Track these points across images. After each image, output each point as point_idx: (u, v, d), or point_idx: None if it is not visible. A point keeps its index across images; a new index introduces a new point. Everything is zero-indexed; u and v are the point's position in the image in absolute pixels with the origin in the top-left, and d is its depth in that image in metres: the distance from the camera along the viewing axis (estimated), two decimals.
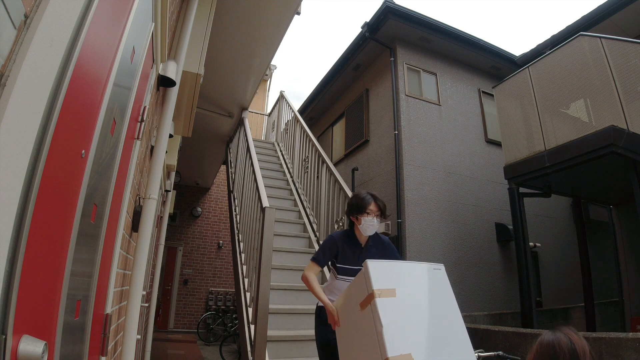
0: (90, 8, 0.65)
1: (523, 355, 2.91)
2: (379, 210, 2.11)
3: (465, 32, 6.20)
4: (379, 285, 1.54)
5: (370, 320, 1.51)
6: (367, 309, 1.55)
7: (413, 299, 1.61)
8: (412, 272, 1.74)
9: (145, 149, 1.89)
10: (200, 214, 9.72)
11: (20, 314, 0.49)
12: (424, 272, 1.75)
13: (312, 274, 2.07)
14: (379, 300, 1.51)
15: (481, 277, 5.54)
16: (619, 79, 3.79)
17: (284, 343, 2.94)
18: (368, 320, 1.52)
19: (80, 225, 0.78)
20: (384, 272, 1.61)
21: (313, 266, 2.12)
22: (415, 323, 1.54)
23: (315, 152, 4.62)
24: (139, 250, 1.77)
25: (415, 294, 1.64)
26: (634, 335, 2.38)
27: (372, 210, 2.11)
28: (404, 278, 1.65)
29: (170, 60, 2.05)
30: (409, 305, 1.57)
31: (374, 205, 2.12)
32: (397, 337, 1.45)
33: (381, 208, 2.12)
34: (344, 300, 1.79)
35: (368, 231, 2.12)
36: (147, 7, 1.29)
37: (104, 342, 1.22)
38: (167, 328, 8.73)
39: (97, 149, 0.84)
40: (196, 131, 4.82)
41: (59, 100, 0.57)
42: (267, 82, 11.88)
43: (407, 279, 1.67)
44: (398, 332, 1.46)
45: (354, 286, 1.71)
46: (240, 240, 4.23)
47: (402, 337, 1.46)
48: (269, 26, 3.77)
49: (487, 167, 6.22)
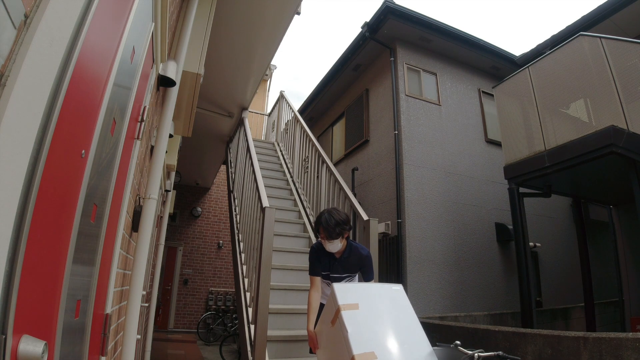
0: (90, 8, 0.65)
1: (523, 355, 2.91)
2: (327, 236, 2.21)
3: (465, 32, 6.20)
4: (343, 301, 1.82)
5: (339, 331, 1.76)
6: (336, 323, 1.80)
7: (374, 310, 1.87)
8: (373, 291, 2.03)
9: (145, 149, 1.89)
10: (200, 214, 9.72)
11: (20, 313, 0.49)
12: (383, 290, 2.05)
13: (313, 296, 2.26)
14: (344, 312, 1.78)
15: (481, 277, 5.54)
16: (619, 79, 3.79)
17: (283, 343, 2.94)
18: (338, 332, 1.77)
19: (80, 225, 0.78)
20: (348, 292, 1.89)
21: (312, 280, 2.32)
22: (376, 328, 1.80)
23: (315, 152, 4.62)
24: (139, 250, 1.77)
25: (376, 307, 1.90)
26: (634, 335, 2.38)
27: (322, 236, 2.25)
28: (365, 296, 1.92)
29: (170, 60, 2.05)
30: (370, 315, 1.83)
31: (322, 231, 2.24)
32: (360, 339, 1.69)
33: (330, 232, 2.20)
34: (319, 325, 2.05)
35: (328, 249, 2.27)
36: (147, 7, 1.29)
37: (103, 342, 1.22)
38: (167, 328, 8.73)
39: (97, 149, 0.84)
40: (196, 131, 4.82)
41: (59, 100, 0.57)
42: (267, 82, 11.89)
43: (368, 296, 1.93)
44: (361, 335, 1.71)
45: (326, 311, 1.96)
46: (240, 240, 4.23)
47: (365, 339, 1.70)
48: (269, 26, 3.76)
49: (487, 167, 6.22)
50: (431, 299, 5.01)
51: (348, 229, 2.27)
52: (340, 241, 2.24)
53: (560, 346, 2.71)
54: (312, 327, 2.12)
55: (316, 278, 2.30)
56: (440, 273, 5.22)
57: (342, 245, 2.29)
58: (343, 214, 2.30)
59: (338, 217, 2.22)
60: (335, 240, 2.21)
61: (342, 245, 2.28)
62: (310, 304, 2.23)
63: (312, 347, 2.08)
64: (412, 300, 2.06)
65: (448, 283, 5.23)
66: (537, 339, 2.89)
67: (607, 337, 2.46)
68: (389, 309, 1.91)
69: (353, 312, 1.79)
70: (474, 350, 1.73)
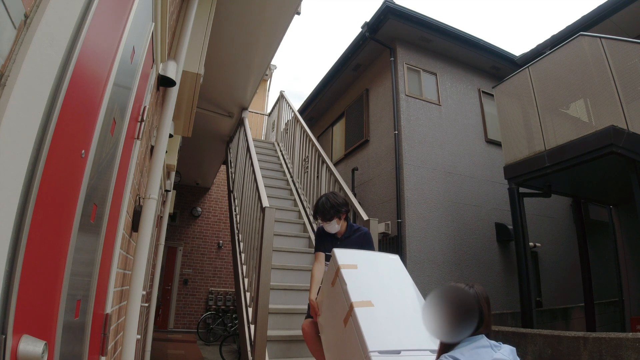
0: (90, 8, 0.65)
1: (523, 355, 2.91)
2: (322, 218, 2.38)
3: (465, 32, 6.20)
4: (342, 262, 1.96)
5: (339, 287, 1.89)
6: (336, 282, 1.93)
7: (371, 271, 2.02)
8: (371, 256, 2.20)
9: (145, 149, 1.89)
10: (200, 214, 9.72)
11: (20, 313, 0.49)
12: (380, 257, 2.23)
13: (317, 269, 2.39)
14: (343, 270, 1.91)
15: (481, 277, 5.54)
16: (619, 79, 3.79)
17: (283, 343, 2.94)
18: (338, 289, 1.91)
19: (80, 225, 0.78)
20: (347, 255, 2.04)
21: (317, 256, 2.47)
22: (373, 284, 1.93)
23: (315, 152, 4.62)
24: (139, 250, 1.77)
25: (373, 268, 2.05)
26: (633, 335, 2.38)
27: (319, 220, 2.44)
28: (363, 259, 2.07)
29: (170, 60, 2.05)
30: (368, 274, 1.97)
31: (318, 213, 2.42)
32: (358, 290, 1.82)
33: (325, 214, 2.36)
34: (321, 295, 2.15)
35: (328, 230, 2.43)
36: (147, 7, 1.29)
37: (103, 342, 1.22)
38: (167, 328, 8.73)
39: (97, 149, 0.84)
40: (196, 131, 4.82)
41: (59, 100, 0.57)
42: (267, 82, 11.88)
43: (366, 259, 2.09)
44: (359, 287, 1.84)
45: (327, 276, 2.09)
46: (240, 240, 4.22)
47: (363, 290, 1.83)
48: (269, 26, 3.76)
49: (487, 167, 6.22)
50: None
51: (344, 211, 2.42)
52: (338, 222, 2.39)
53: (560, 346, 2.71)
54: (314, 296, 2.24)
55: (320, 254, 2.45)
56: (440, 273, 5.22)
57: (342, 227, 2.45)
58: (340, 197, 2.46)
59: (334, 200, 2.39)
60: (332, 222, 2.36)
61: (340, 226, 2.43)
62: (313, 276, 2.35)
63: (313, 315, 2.20)
64: None
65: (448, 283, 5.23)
66: (537, 339, 2.89)
67: (607, 337, 2.46)
68: (385, 271, 2.07)
69: (352, 270, 1.93)
70: None
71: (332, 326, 1.96)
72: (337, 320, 1.87)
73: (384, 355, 1.57)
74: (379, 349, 1.58)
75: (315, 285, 2.31)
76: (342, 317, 1.79)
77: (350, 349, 1.69)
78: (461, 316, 1.21)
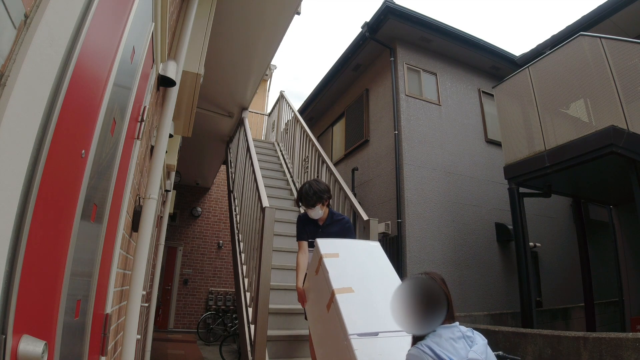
0: (90, 8, 0.65)
1: (523, 355, 2.91)
2: (305, 204, 2.52)
3: (465, 32, 6.20)
4: (325, 251, 2.09)
5: (322, 275, 2.02)
6: (319, 271, 2.06)
7: (352, 258, 2.14)
8: (352, 244, 2.32)
9: (145, 149, 1.89)
10: (200, 214, 9.72)
11: (20, 313, 0.49)
12: (361, 245, 2.37)
13: (301, 258, 2.50)
14: (326, 259, 2.04)
15: (481, 277, 5.54)
16: (619, 79, 3.79)
17: (283, 343, 2.94)
18: (321, 276, 2.03)
19: (80, 225, 0.78)
20: (329, 245, 2.17)
21: (300, 245, 2.58)
22: (353, 271, 2.04)
23: (315, 152, 4.62)
24: (139, 250, 1.77)
25: (354, 256, 2.16)
26: (634, 335, 2.38)
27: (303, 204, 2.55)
28: (345, 248, 2.19)
29: (170, 60, 2.05)
30: (348, 262, 2.10)
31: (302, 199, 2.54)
32: (339, 278, 1.95)
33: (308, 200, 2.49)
34: (307, 282, 2.29)
35: (312, 215, 2.56)
36: (147, 7, 1.29)
37: (104, 342, 1.22)
38: (167, 328, 8.73)
39: (97, 149, 0.84)
40: (196, 131, 4.82)
41: (59, 100, 0.57)
42: (267, 82, 11.88)
43: (347, 248, 2.21)
44: (340, 275, 1.97)
45: (311, 264, 2.23)
46: (240, 240, 4.22)
47: (344, 278, 1.96)
48: (269, 26, 3.76)
49: (487, 167, 6.22)
50: None
51: (327, 197, 2.55)
52: (321, 208, 2.52)
53: (560, 346, 2.71)
54: (301, 284, 2.37)
55: (303, 242, 2.58)
56: (440, 273, 5.21)
57: (324, 213, 2.58)
58: (322, 184, 2.59)
59: (317, 187, 2.52)
60: (315, 208, 2.50)
61: (323, 212, 2.56)
62: (298, 265, 2.48)
63: (301, 303, 2.35)
64: None
65: (448, 283, 5.17)
66: (537, 339, 2.89)
67: (607, 337, 2.46)
68: (366, 258, 2.20)
69: (334, 259, 2.07)
70: None
71: (318, 311, 2.09)
72: (321, 306, 1.99)
73: (363, 337, 1.68)
74: (357, 332, 1.69)
75: (301, 273, 2.43)
76: (326, 303, 1.93)
77: (334, 332, 1.81)
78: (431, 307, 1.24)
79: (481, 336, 1.30)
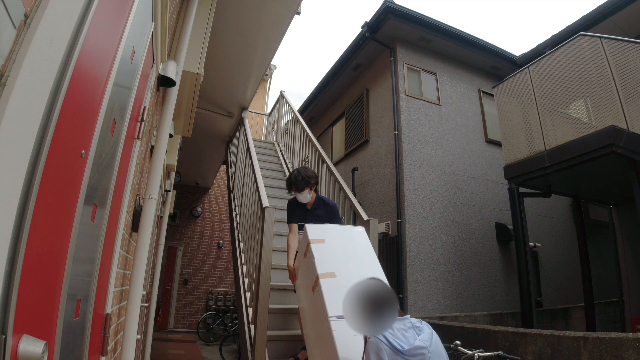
0: (90, 8, 0.65)
1: (523, 356, 2.91)
2: (295, 189, 2.78)
3: (465, 32, 6.20)
4: (312, 237, 2.31)
5: (310, 259, 2.22)
6: (307, 255, 2.27)
7: (337, 244, 2.34)
8: (339, 230, 2.52)
9: (145, 148, 1.89)
10: (200, 214, 9.72)
11: (20, 313, 0.49)
12: (346, 230, 2.57)
13: (292, 239, 2.76)
14: (313, 245, 2.26)
15: (481, 277, 5.54)
16: (619, 79, 3.78)
17: (284, 343, 2.94)
18: (309, 260, 2.23)
19: (80, 225, 0.78)
20: (317, 230, 2.38)
21: (290, 227, 2.83)
22: (337, 256, 2.25)
23: (315, 152, 4.62)
24: (139, 250, 1.77)
25: (338, 242, 2.37)
26: (634, 335, 2.38)
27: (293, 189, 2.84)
28: (331, 234, 2.40)
29: (170, 60, 2.05)
30: (334, 247, 2.30)
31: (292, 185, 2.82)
32: (324, 263, 2.15)
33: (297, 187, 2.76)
34: (297, 261, 2.51)
35: (301, 200, 2.83)
36: (147, 7, 1.29)
37: (104, 342, 1.22)
38: (167, 328, 8.73)
39: (97, 149, 0.84)
40: (196, 131, 4.82)
41: (59, 100, 0.57)
42: (267, 82, 11.89)
43: (334, 234, 2.42)
44: (325, 260, 2.17)
45: (300, 247, 2.44)
46: (240, 240, 4.22)
47: (328, 263, 2.16)
48: (269, 26, 3.76)
49: (487, 167, 6.22)
50: (431, 298, 5.01)
51: (314, 183, 2.80)
52: (309, 193, 2.78)
53: (560, 346, 2.71)
54: (292, 263, 2.62)
55: (293, 225, 2.83)
56: (440, 273, 5.21)
57: (312, 198, 2.83)
58: (310, 171, 2.85)
59: (304, 173, 2.79)
60: (304, 192, 2.76)
61: (311, 197, 2.81)
62: (289, 246, 2.73)
63: (291, 280, 2.62)
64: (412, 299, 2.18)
65: (448, 283, 5.23)
66: (537, 339, 2.89)
67: (607, 337, 2.46)
68: (350, 243, 2.40)
69: (320, 244, 2.27)
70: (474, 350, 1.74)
71: (305, 290, 2.31)
72: (308, 286, 2.21)
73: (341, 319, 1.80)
74: (337, 315, 1.85)
75: (291, 252, 2.67)
76: (312, 285, 2.13)
77: (318, 311, 2.02)
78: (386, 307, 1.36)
79: (428, 326, 1.51)
